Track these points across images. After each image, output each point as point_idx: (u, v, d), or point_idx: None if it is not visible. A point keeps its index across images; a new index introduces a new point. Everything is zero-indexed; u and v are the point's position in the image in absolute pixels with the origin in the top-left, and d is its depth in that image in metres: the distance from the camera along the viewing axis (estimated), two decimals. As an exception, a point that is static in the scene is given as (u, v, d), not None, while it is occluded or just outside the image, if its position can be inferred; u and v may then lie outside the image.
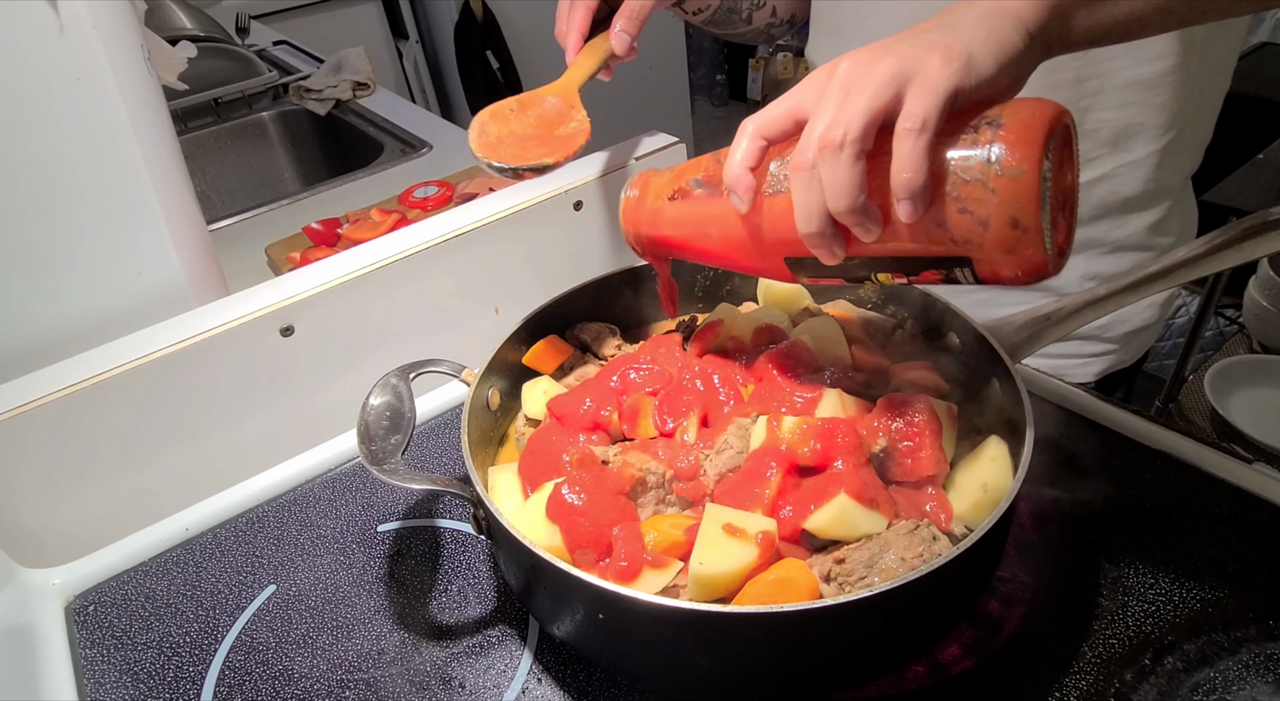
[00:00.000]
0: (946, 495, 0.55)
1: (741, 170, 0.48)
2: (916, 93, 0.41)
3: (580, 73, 0.72)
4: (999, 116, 0.42)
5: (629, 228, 0.61)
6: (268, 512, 0.74)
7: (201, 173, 1.59)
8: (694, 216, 0.55)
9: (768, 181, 0.48)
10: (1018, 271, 0.43)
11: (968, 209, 0.42)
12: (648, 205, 0.59)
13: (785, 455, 0.54)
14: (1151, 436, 0.68)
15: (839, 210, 0.43)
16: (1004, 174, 0.41)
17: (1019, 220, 0.41)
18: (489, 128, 0.69)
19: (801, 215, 0.45)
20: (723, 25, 0.88)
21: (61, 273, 0.73)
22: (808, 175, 0.43)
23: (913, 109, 0.41)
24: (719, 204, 0.53)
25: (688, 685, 0.54)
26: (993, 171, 0.41)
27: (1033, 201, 0.40)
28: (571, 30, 0.72)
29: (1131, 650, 0.54)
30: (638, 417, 0.62)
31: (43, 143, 0.69)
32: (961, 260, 0.44)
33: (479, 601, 0.63)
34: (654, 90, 3.22)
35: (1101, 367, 0.89)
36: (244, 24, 1.85)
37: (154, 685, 0.60)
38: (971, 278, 0.45)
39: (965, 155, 0.42)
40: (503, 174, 0.65)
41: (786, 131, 0.47)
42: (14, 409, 0.64)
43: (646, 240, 0.60)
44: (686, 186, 0.56)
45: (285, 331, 0.74)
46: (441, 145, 1.49)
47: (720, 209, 0.52)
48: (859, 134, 0.42)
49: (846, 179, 0.42)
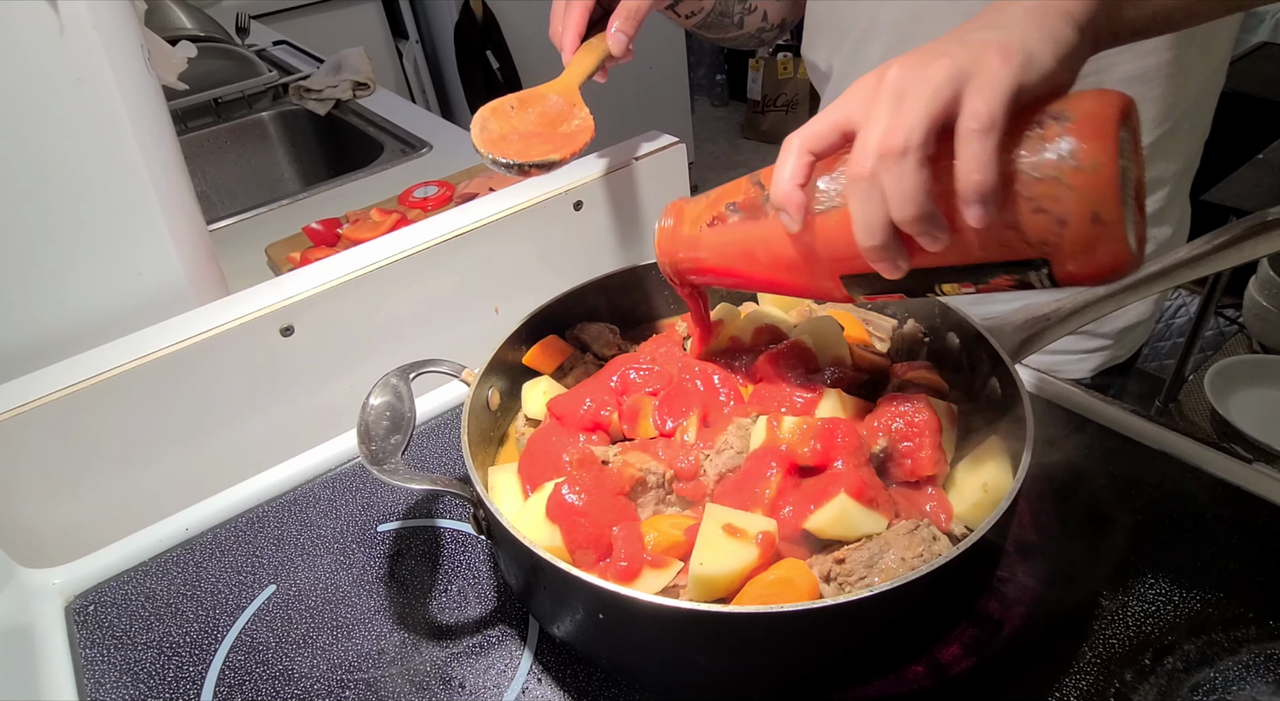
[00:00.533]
0: (946, 495, 0.55)
1: (791, 187, 0.46)
2: (978, 92, 0.40)
3: (580, 71, 0.71)
4: (1063, 110, 0.40)
5: (665, 258, 0.59)
6: (268, 512, 0.74)
7: (201, 173, 1.59)
8: (738, 240, 0.54)
9: (818, 198, 0.47)
10: (1099, 269, 0.41)
11: (1043, 208, 0.40)
12: (684, 234, 0.57)
13: (785, 455, 0.54)
14: (1151, 436, 0.68)
15: (905, 218, 0.41)
16: (1081, 168, 0.39)
17: (1100, 215, 0.39)
18: (490, 124, 0.68)
19: (862, 228, 0.43)
20: (714, 29, 0.88)
21: (61, 273, 0.73)
22: (867, 185, 0.42)
23: (976, 108, 0.39)
24: (765, 225, 0.51)
25: (688, 685, 0.54)
26: (1068, 166, 0.39)
27: (1113, 194, 0.39)
28: (568, 30, 0.71)
29: (1131, 650, 0.54)
30: (638, 417, 0.62)
31: (43, 143, 0.69)
32: (1037, 263, 0.42)
33: (479, 601, 0.63)
34: (654, 90, 3.22)
35: (1097, 363, 0.90)
36: (244, 24, 1.85)
37: (154, 685, 0.60)
38: (1048, 281, 0.43)
39: (1036, 152, 0.40)
40: (508, 170, 0.64)
41: (834, 145, 0.45)
42: (14, 409, 0.64)
43: (685, 270, 0.58)
44: (726, 211, 0.54)
45: (285, 331, 0.74)
46: (441, 145, 1.49)
47: (767, 230, 0.51)
48: (922, 138, 0.40)
49: (912, 185, 0.40)
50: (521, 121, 0.69)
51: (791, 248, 0.49)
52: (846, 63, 0.85)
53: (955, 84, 0.40)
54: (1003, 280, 0.44)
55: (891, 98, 0.41)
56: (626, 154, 0.89)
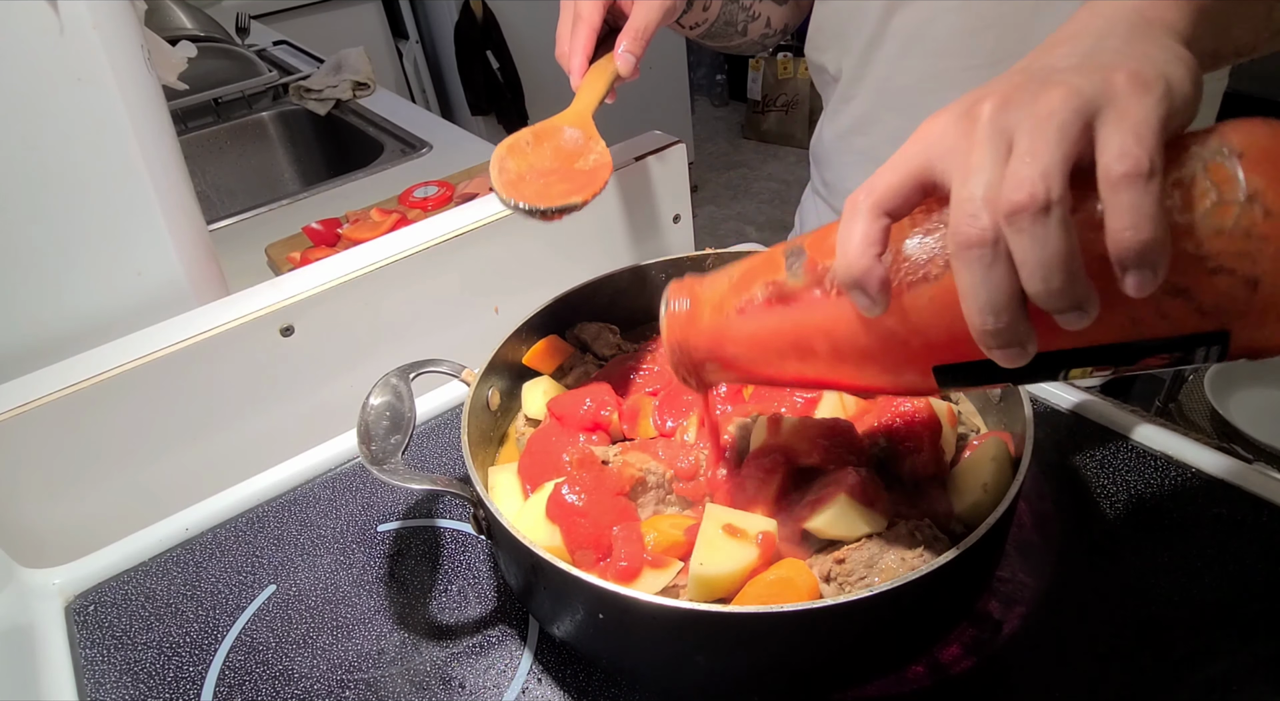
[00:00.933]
0: (946, 495, 0.55)
1: (869, 259, 0.36)
2: (1119, 127, 0.32)
3: (592, 98, 0.69)
4: (1225, 145, 0.33)
5: (678, 352, 0.49)
6: (268, 512, 0.74)
7: (201, 173, 1.59)
8: (785, 331, 0.43)
9: (903, 271, 0.37)
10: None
11: (1224, 268, 0.32)
12: (705, 325, 0.47)
13: (785, 455, 0.54)
14: (1151, 436, 0.68)
15: (1048, 292, 0.32)
16: (1274, 214, 0.31)
17: None
18: (508, 164, 0.65)
19: (981, 307, 0.33)
20: (718, 38, 0.88)
21: (61, 273, 0.73)
22: (987, 253, 0.33)
23: (1125, 147, 0.31)
24: (824, 309, 0.41)
25: (688, 685, 0.54)
26: (1256, 214, 0.31)
27: None
28: (576, 52, 0.68)
29: (1131, 650, 0.54)
30: (638, 417, 0.62)
31: (43, 143, 0.69)
32: (1210, 336, 0.34)
33: (479, 601, 0.63)
34: (654, 90, 3.22)
35: None
36: (244, 24, 1.85)
37: (154, 685, 0.60)
38: (1217, 356, 0.35)
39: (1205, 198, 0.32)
40: (530, 216, 0.62)
41: (913, 202, 0.37)
42: (14, 409, 0.64)
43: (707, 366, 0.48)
44: (762, 293, 0.44)
45: (285, 331, 0.74)
46: (441, 145, 1.49)
47: (827, 315, 0.41)
48: (1063, 188, 0.31)
49: (1058, 250, 0.31)
50: (539, 158, 0.67)
51: (866, 336, 0.39)
52: (856, 66, 0.84)
53: (1083, 118, 0.32)
54: (1158, 359, 0.36)
55: (996, 138, 0.33)
56: (626, 154, 0.89)
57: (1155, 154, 0.31)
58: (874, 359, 0.40)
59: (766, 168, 3.75)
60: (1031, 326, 0.34)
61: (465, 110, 2.92)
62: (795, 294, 0.42)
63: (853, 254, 0.36)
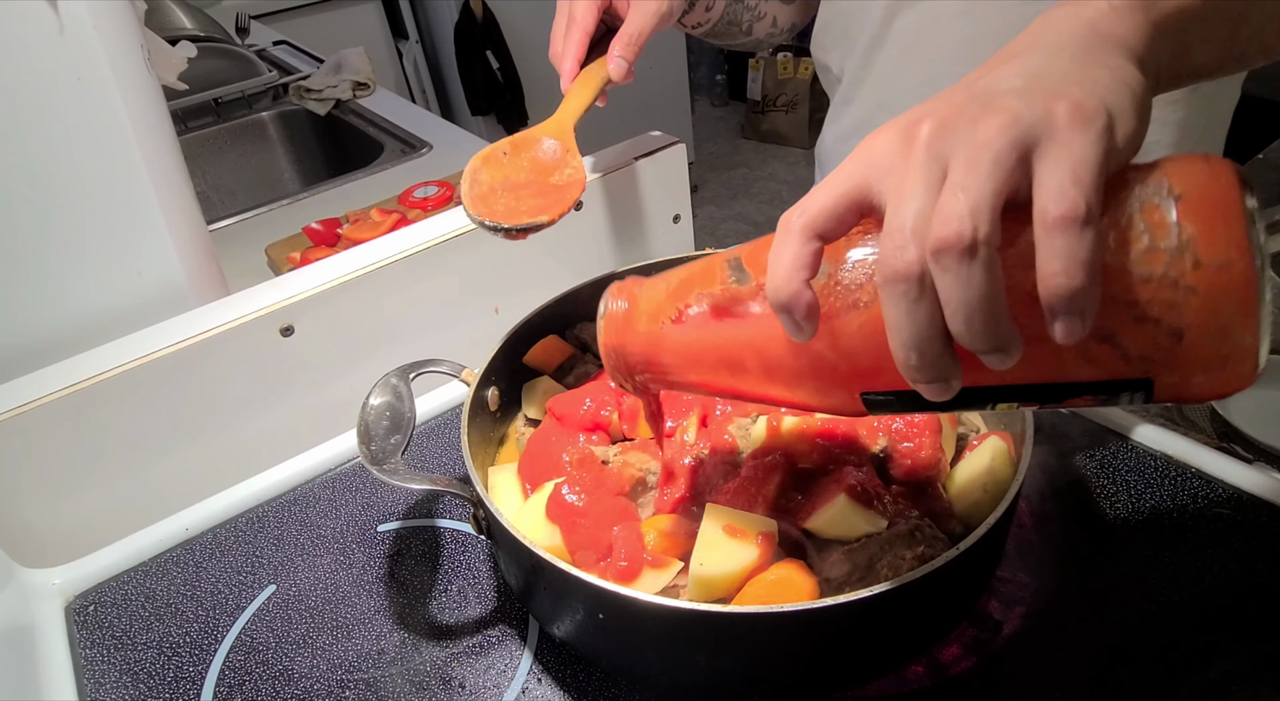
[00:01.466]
0: (946, 495, 0.55)
1: (797, 284, 0.34)
2: (1058, 165, 0.30)
3: (577, 106, 0.68)
4: (1162, 183, 0.31)
5: (614, 355, 0.46)
6: (268, 512, 0.74)
7: (201, 173, 1.59)
8: (716, 345, 0.41)
9: (834, 295, 0.36)
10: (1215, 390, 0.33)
11: (1150, 316, 0.31)
12: (640, 330, 0.44)
13: (785, 455, 0.54)
14: (1151, 436, 0.68)
15: (971, 334, 0.31)
16: (1203, 264, 0.30)
17: (1229, 326, 0.30)
18: (481, 175, 0.64)
19: (905, 342, 0.32)
20: (722, 37, 0.87)
21: (61, 273, 0.73)
22: (913, 288, 0.31)
23: (1063, 187, 0.29)
24: (754, 326, 0.39)
25: (688, 685, 0.54)
26: (1185, 263, 0.30)
27: (1247, 298, 0.30)
28: (568, 55, 0.68)
29: (1131, 650, 0.54)
30: (638, 418, 0.62)
31: (43, 143, 0.69)
32: (1134, 383, 0.33)
33: (479, 601, 0.63)
34: (654, 90, 3.22)
35: None
36: (244, 24, 1.85)
37: (154, 685, 0.60)
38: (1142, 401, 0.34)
39: (1137, 242, 0.31)
40: (494, 233, 0.61)
41: (849, 223, 0.35)
42: (15, 408, 0.64)
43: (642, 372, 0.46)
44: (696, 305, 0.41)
45: (285, 331, 0.74)
46: (441, 145, 1.49)
47: (757, 333, 0.39)
48: (991, 227, 0.30)
49: (982, 292, 0.30)
50: (514, 169, 0.66)
51: (795, 358, 0.38)
52: (858, 68, 0.84)
53: (1020, 149, 0.31)
54: (1083, 400, 0.35)
55: (931, 165, 0.32)
56: (626, 154, 0.89)
57: (1093, 196, 0.30)
58: (804, 380, 0.39)
59: (766, 168, 3.75)
60: (957, 362, 0.33)
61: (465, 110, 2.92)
62: (728, 308, 0.40)
63: (780, 277, 0.35)
